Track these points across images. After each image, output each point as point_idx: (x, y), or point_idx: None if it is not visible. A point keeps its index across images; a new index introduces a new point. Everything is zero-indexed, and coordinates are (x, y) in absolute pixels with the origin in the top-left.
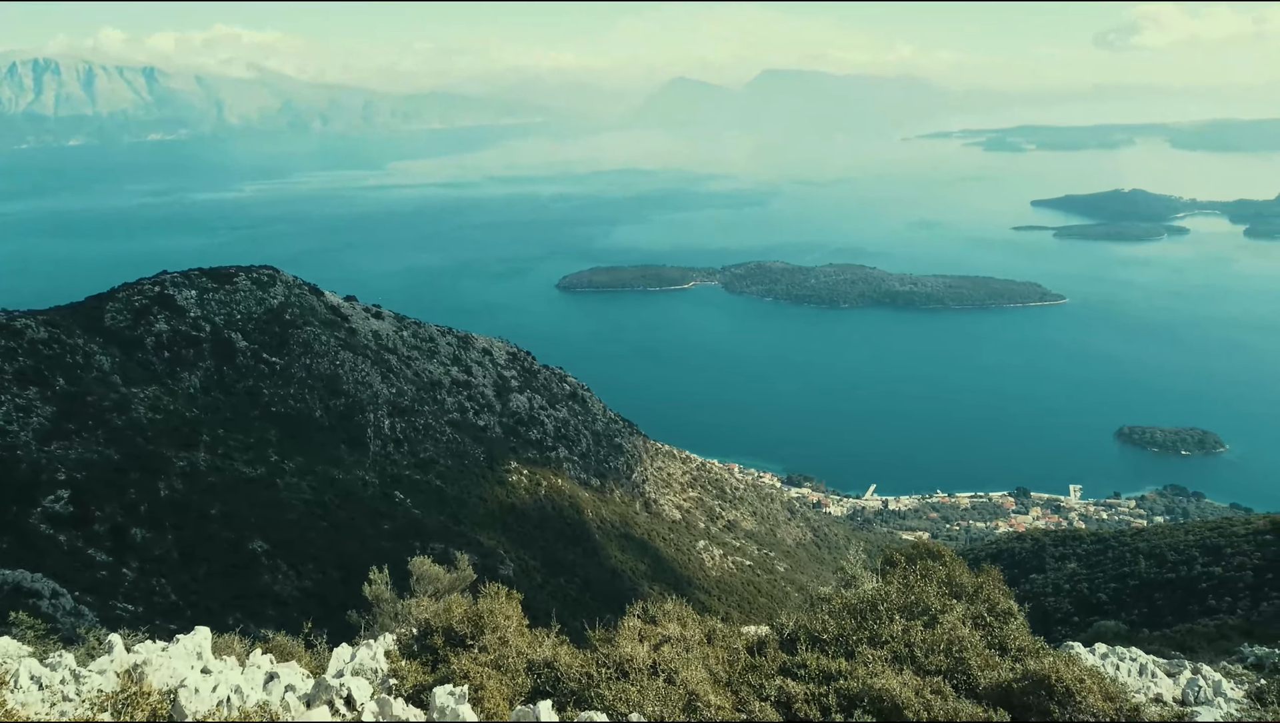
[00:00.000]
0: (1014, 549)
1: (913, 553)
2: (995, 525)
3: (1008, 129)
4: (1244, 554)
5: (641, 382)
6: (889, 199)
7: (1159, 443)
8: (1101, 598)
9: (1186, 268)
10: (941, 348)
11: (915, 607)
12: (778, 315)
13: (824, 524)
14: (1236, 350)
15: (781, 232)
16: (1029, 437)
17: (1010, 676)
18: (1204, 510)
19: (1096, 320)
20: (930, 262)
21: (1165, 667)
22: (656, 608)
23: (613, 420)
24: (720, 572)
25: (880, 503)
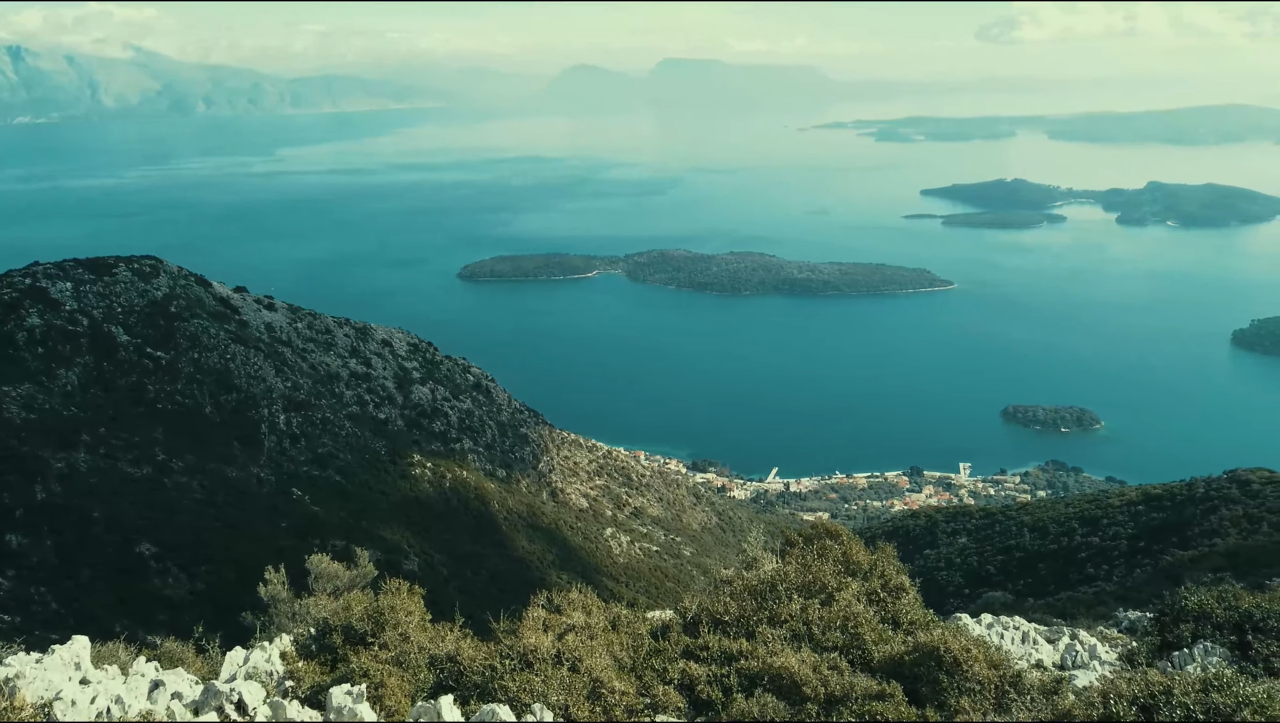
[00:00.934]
0: (908, 526)
1: (811, 534)
2: (891, 504)
3: (898, 120)
4: (1119, 525)
5: (547, 371)
6: (787, 187)
7: (1041, 421)
8: (990, 570)
9: (1065, 253)
10: (838, 333)
11: (813, 586)
12: (681, 303)
13: (728, 508)
14: (1110, 331)
15: (683, 220)
16: (922, 418)
17: (902, 649)
18: (1082, 485)
19: (983, 304)
20: (827, 249)
21: (1046, 634)
22: (561, 597)
23: (518, 410)
24: (628, 558)
25: (782, 486)
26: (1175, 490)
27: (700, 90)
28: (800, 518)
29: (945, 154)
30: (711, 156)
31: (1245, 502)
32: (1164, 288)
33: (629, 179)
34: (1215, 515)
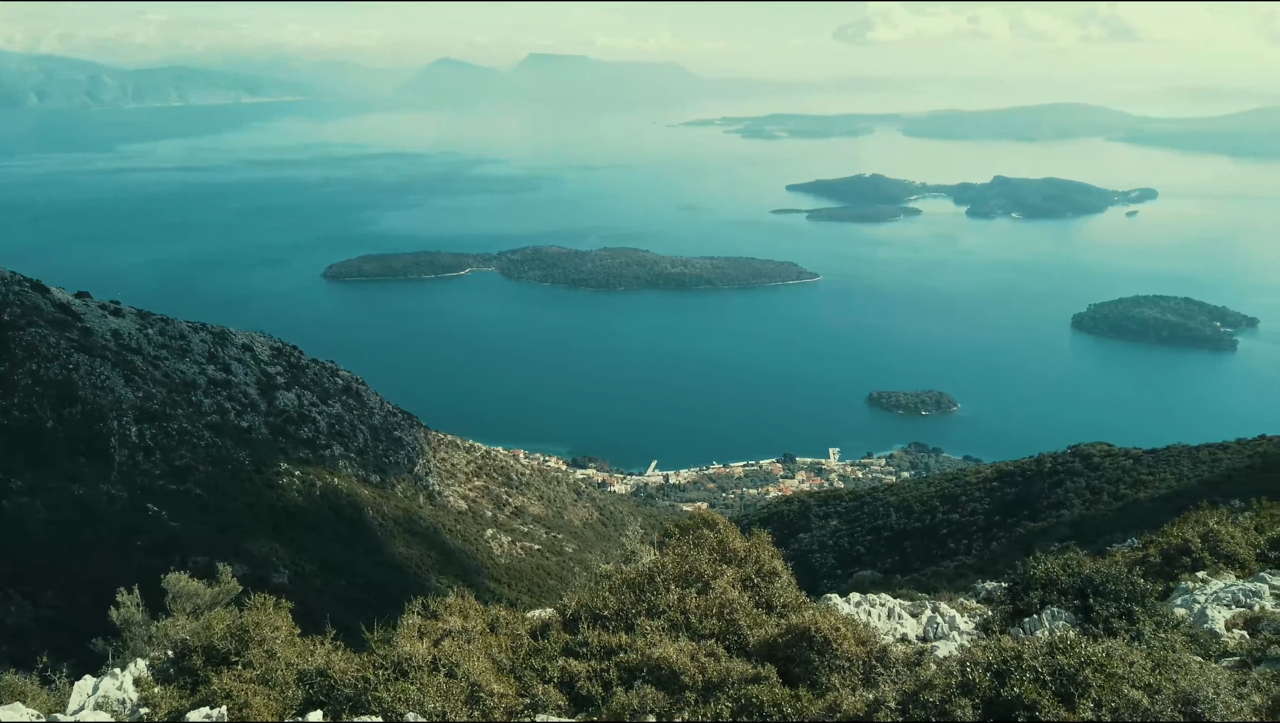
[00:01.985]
0: (783, 512)
1: (688, 524)
2: (766, 491)
3: (763, 117)
4: (976, 501)
5: (421, 372)
6: (658, 183)
7: (903, 405)
8: (860, 550)
9: (921, 245)
10: (712, 326)
11: (690, 576)
12: (556, 300)
13: (609, 503)
14: (964, 318)
15: (557, 216)
16: (794, 406)
17: (776, 631)
18: (943, 464)
19: (847, 295)
20: (699, 244)
21: (909, 608)
22: (437, 603)
23: (391, 413)
24: (509, 558)
25: (662, 478)
26: (1025, 467)
27: (568, 86)
28: (680, 509)
29: (808, 150)
30: (583, 153)
31: (1087, 474)
32: (1010, 276)
33: (500, 175)
34: (1061, 488)
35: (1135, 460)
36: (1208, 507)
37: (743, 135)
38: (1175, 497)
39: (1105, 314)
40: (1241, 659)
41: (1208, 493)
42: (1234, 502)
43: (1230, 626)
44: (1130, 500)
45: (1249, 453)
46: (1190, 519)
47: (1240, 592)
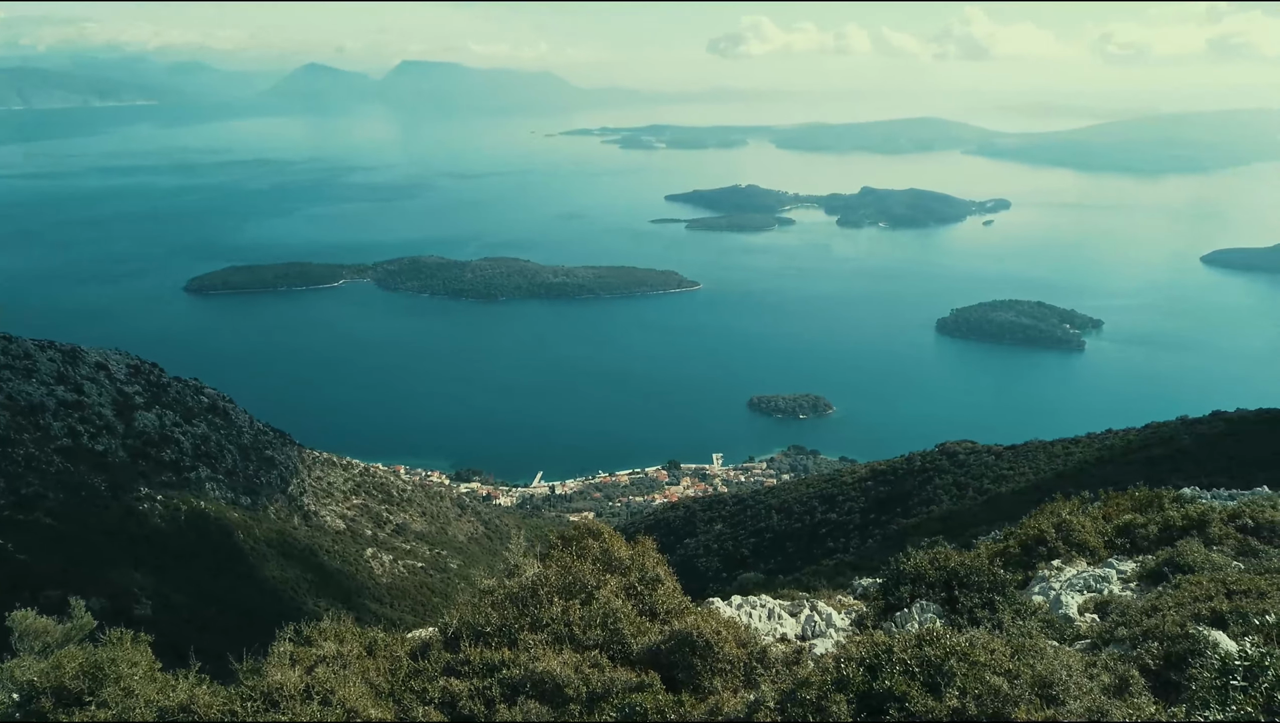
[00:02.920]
0: (669, 518)
1: (573, 535)
2: (652, 498)
3: (640, 127)
4: (853, 500)
5: (294, 388)
6: (538, 192)
7: (782, 409)
8: (744, 553)
9: (795, 254)
10: (595, 335)
11: (574, 586)
12: (436, 311)
13: (494, 516)
14: (837, 323)
15: (434, 225)
16: (677, 413)
17: (659, 638)
18: (820, 466)
19: (726, 303)
20: (580, 253)
21: (789, 608)
22: (311, 628)
23: (261, 432)
24: (391, 578)
25: (548, 489)
26: (897, 466)
27: (442, 93)
28: (566, 520)
29: (685, 160)
30: (459, 160)
31: (954, 471)
32: (879, 283)
33: (373, 183)
34: (931, 485)
35: (997, 456)
36: (1061, 499)
37: (621, 145)
38: (1033, 490)
39: (966, 318)
40: (1093, 642)
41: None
42: (1084, 493)
43: (1083, 610)
44: (993, 495)
45: (1098, 446)
46: (1046, 511)
47: (1091, 578)
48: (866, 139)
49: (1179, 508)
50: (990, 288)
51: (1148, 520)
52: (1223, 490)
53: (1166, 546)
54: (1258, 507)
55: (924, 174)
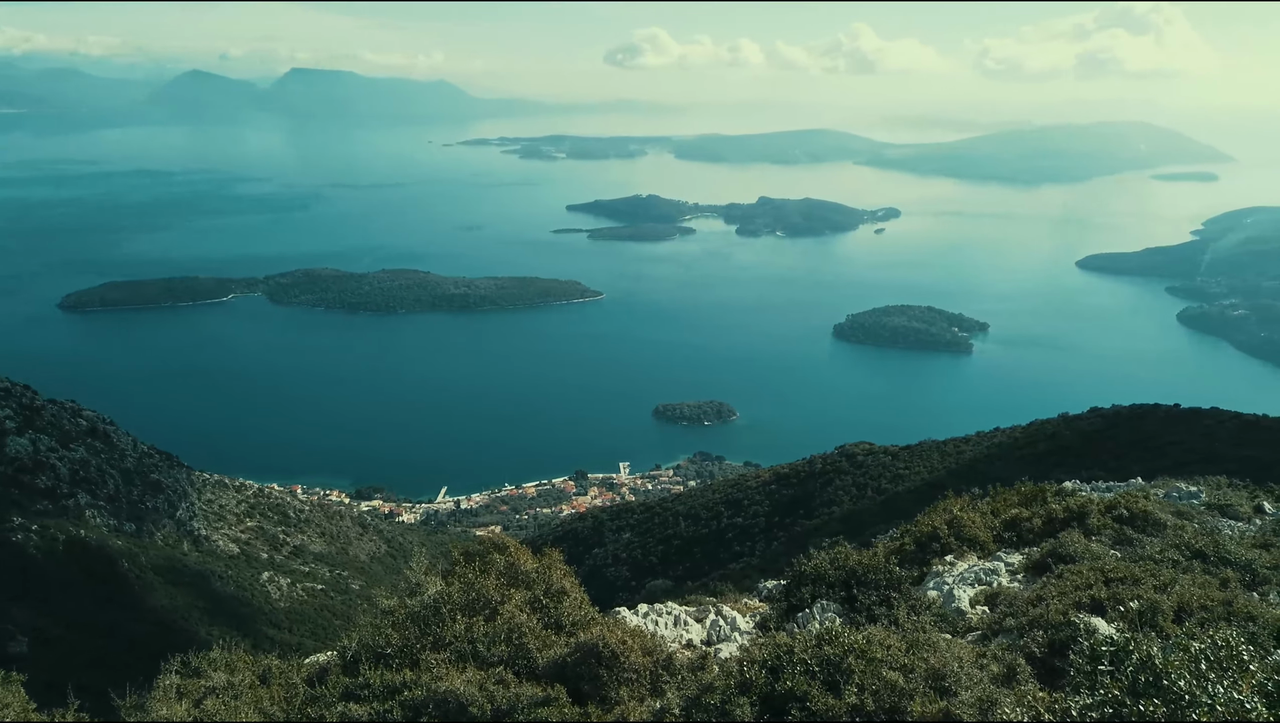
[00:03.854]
0: (577, 529)
1: (477, 549)
2: (560, 509)
3: (540, 137)
4: (757, 504)
5: (181, 409)
6: (436, 203)
7: (687, 416)
8: (653, 560)
9: (695, 262)
10: (499, 347)
11: (477, 603)
12: (332, 325)
13: (398, 534)
14: (739, 330)
15: (329, 237)
16: (583, 422)
17: (565, 651)
18: (726, 471)
19: (630, 312)
20: (481, 264)
21: (694, 614)
22: (200, 658)
23: (146, 455)
24: (289, 602)
25: (453, 504)
26: (799, 469)
27: (334, 102)
28: (473, 534)
29: (586, 171)
30: (354, 171)
31: (854, 472)
32: (778, 290)
33: (263, 194)
34: (831, 487)
35: (893, 457)
36: (953, 496)
37: (520, 155)
38: (928, 488)
39: (861, 323)
40: (983, 633)
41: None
42: (974, 490)
43: (974, 603)
44: (890, 494)
45: (987, 444)
46: (939, 508)
47: (981, 571)
48: (762, 150)
49: (1061, 501)
50: (883, 294)
51: (1032, 514)
52: (1101, 483)
53: (1050, 537)
54: (1132, 498)
55: (818, 184)
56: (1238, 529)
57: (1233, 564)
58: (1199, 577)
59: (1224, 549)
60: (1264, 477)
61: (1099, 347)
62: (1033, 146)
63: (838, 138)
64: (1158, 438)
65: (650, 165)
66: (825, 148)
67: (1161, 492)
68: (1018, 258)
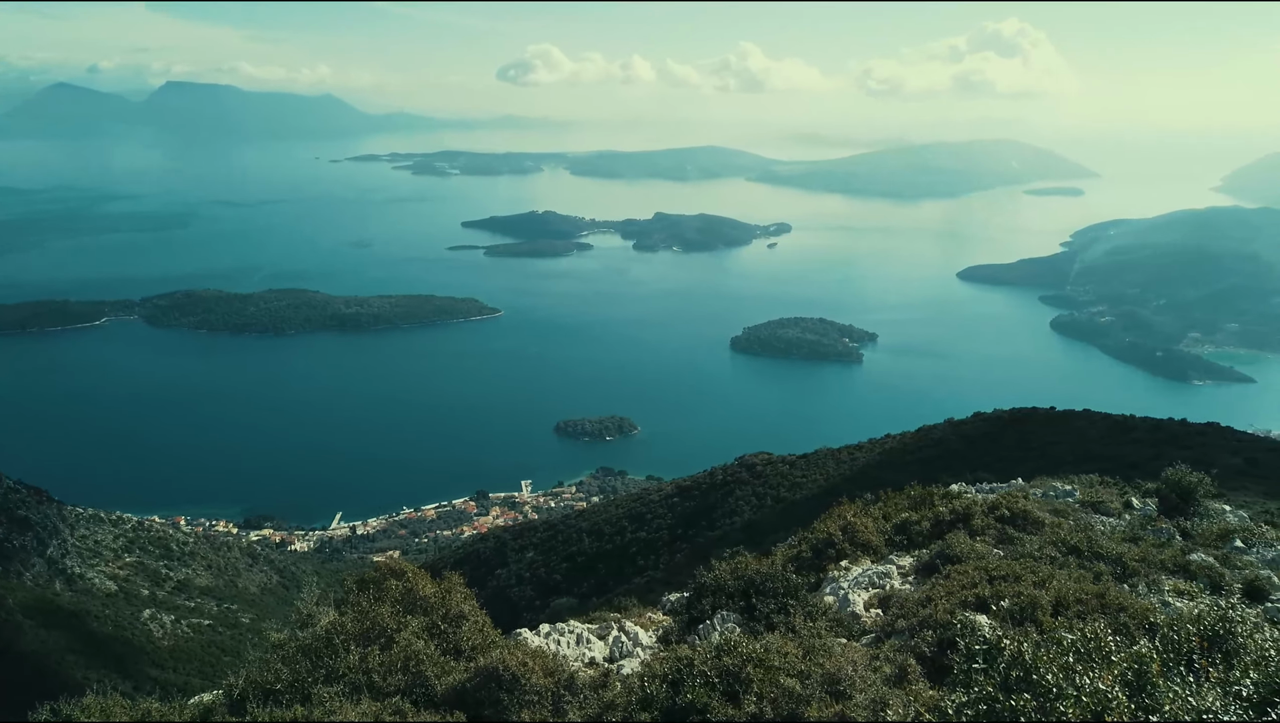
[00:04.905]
0: (479, 550)
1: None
2: (461, 531)
3: (432, 153)
4: (660, 517)
5: (51, 441)
6: (325, 221)
7: (589, 432)
8: (558, 578)
9: (593, 278)
10: (394, 367)
11: (372, 632)
12: (216, 349)
13: (290, 564)
14: (637, 344)
15: (211, 256)
16: (484, 442)
17: (464, 676)
18: (629, 486)
19: (529, 329)
20: (374, 282)
21: (597, 631)
22: (72, 705)
23: (12, 490)
24: (174, 640)
25: (349, 530)
26: (701, 480)
27: (213, 116)
28: (370, 561)
29: (480, 187)
30: (235, 188)
31: (753, 482)
32: (675, 304)
33: (138, 212)
34: (732, 497)
35: (791, 466)
36: (847, 502)
37: (413, 171)
38: (825, 495)
39: (757, 335)
40: (876, 635)
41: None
42: (867, 495)
43: (868, 606)
44: (789, 502)
45: (879, 450)
46: (834, 515)
47: (874, 575)
48: (656, 166)
49: (947, 503)
50: (778, 306)
51: (921, 517)
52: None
53: (938, 539)
54: (1012, 498)
55: (712, 200)
56: (1109, 525)
57: (1105, 558)
58: (1074, 571)
59: (1097, 545)
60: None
61: (980, 354)
62: (913, 163)
63: (730, 155)
64: (1036, 440)
65: (546, 182)
66: (718, 164)
67: (1040, 491)
68: (902, 270)
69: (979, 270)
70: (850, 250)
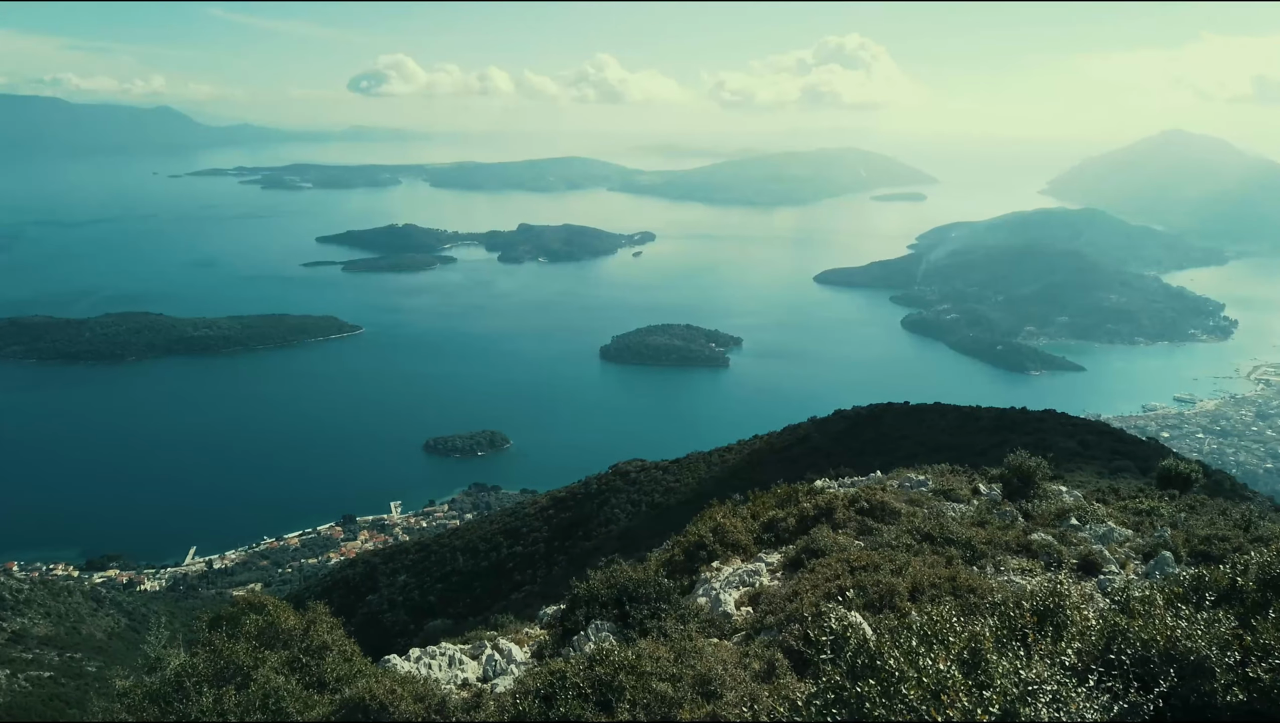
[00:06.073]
0: (348, 577)
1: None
2: (328, 558)
3: (283, 167)
4: (536, 530)
5: None
6: (166, 239)
7: (460, 449)
8: (432, 600)
9: (459, 291)
10: (248, 390)
11: (227, 671)
12: (46, 380)
13: (140, 605)
14: (506, 357)
15: (37, 281)
16: (349, 464)
17: (329, 709)
18: (503, 501)
19: (393, 345)
20: (223, 302)
21: (469, 651)
22: None
23: None
24: (9, 695)
25: (204, 565)
26: (576, 491)
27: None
28: (229, 595)
29: (335, 201)
30: (63, 206)
31: (628, 489)
32: (543, 315)
33: None
34: (608, 505)
35: (664, 471)
36: (717, 503)
37: (262, 186)
38: (697, 498)
39: (626, 344)
40: (747, 633)
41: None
42: (736, 496)
43: (739, 604)
44: (664, 507)
45: (747, 451)
46: (705, 517)
47: (745, 573)
48: (518, 177)
49: (812, 499)
50: (645, 314)
51: (787, 514)
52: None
53: (803, 534)
54: (871, 490)
55: (576, 210)
56: (959, 511)
57: (955, 543)
58: (929, 557)
59: (948, 530)
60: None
61: (838, 353)
62: (768, 172)
63: (592, 165)
64: (893, 433)
65: (405, 194)
66: (580, 175)
67: (897, 483)
68: (763, 275)
69: (834, 274)
70: (712, 257)
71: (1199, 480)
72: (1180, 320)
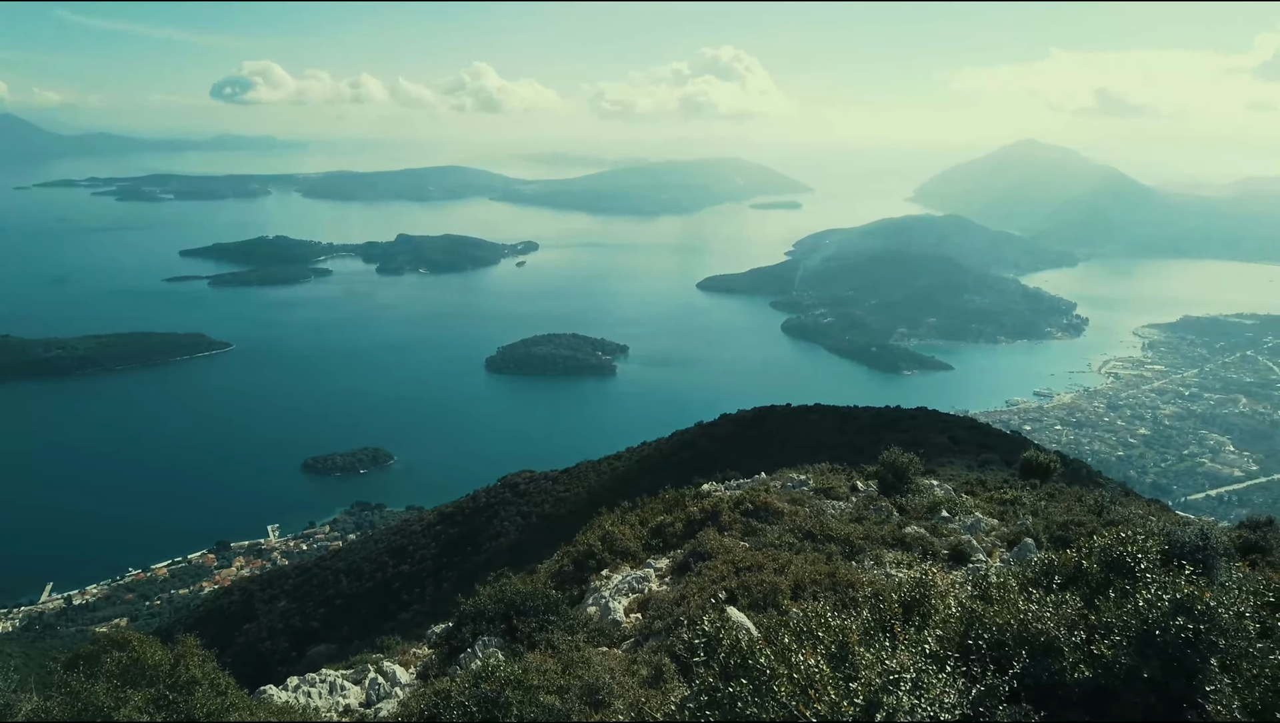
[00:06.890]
0: (223, 605)
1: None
2: (201, 587)
3: (140, 177)
4: (424, 548)
5: None
6: (10, 255)
7: (340, 467)
8: (315, 625)
9: (336, 304)
10: (107, 413)
11: (84, 713)
12: None
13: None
14: (388, 371)
15: None
16: (221, 488)
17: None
18: (387, 519)
19: (265, 362)
20: (77, 321)
21: (351, 677)
22: None
23: None
24: None
25: (63, 602)
26: (464, 505)
27: None
28: (91, 633)
29: (200, 213)
30: None
31: (517, 501)
32: (425, 328)
33: None
34: (497, 518)
35: (554, 481)
36: (606, 511)
37: (118, 197)
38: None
39: (512, 354)
40: (635, 640)
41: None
42: (625, 503)
43: (628, 611)
44: (554, 517)
45: (637, 458)
46: (594, 525)
47: (634, 580)
48: (396, 187)
49: (698, 503)
50: (530, 324)
51: (675, 518)
52: (733, 482)
53: (690, 538)
54: (755, 492)
55: (457, 220)
56: (839, 508)
57: (835, 539)
58: (810, 555)
59: (828, 527)
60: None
61: (723, 358)
62: (650, 181)
63: (472, 175)
64: (777, 435)
65: (276, 205)
66: (460, 185)
67: (780, 483)
68: (647, 283)
69: (715, 281)
70: (597, 266)
71: (1058, 470)
72: (1037, 320)
